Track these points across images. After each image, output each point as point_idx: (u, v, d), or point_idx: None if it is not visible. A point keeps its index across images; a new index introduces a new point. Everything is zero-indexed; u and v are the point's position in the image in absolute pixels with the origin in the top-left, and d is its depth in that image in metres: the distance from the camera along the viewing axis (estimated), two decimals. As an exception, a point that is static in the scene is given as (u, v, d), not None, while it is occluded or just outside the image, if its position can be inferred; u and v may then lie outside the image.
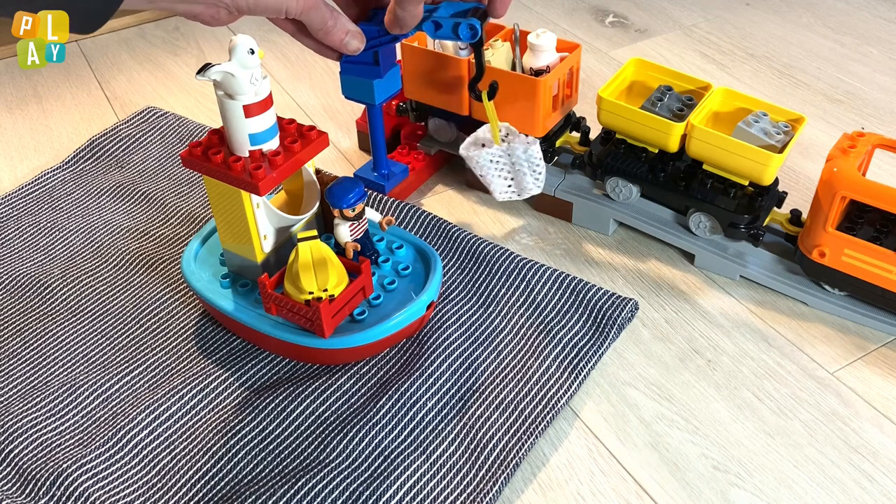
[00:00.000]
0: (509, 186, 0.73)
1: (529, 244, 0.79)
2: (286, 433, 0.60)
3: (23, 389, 0.64)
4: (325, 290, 0.59)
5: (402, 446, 0.59)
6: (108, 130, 0.94)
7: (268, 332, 0.63)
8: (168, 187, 0.86)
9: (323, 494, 0.55)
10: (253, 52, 0.55)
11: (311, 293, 0.59)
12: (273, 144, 0.59)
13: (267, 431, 0.60)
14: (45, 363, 0.66)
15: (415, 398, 0.62)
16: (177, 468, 0.58)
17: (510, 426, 0.60)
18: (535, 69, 0.75)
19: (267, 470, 0.58)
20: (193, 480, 0.58)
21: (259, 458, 0.59)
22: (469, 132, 0.84)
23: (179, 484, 0.58)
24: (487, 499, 0.55)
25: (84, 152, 0.91)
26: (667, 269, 0.75)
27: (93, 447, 0.59)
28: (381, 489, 0.56)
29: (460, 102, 0.78)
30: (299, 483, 0.56)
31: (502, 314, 0.69)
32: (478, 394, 0.63)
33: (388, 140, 0.85)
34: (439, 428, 0.60)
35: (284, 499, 0.55)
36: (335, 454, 0.58)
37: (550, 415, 0.61)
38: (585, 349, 0.65)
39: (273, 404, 0.62)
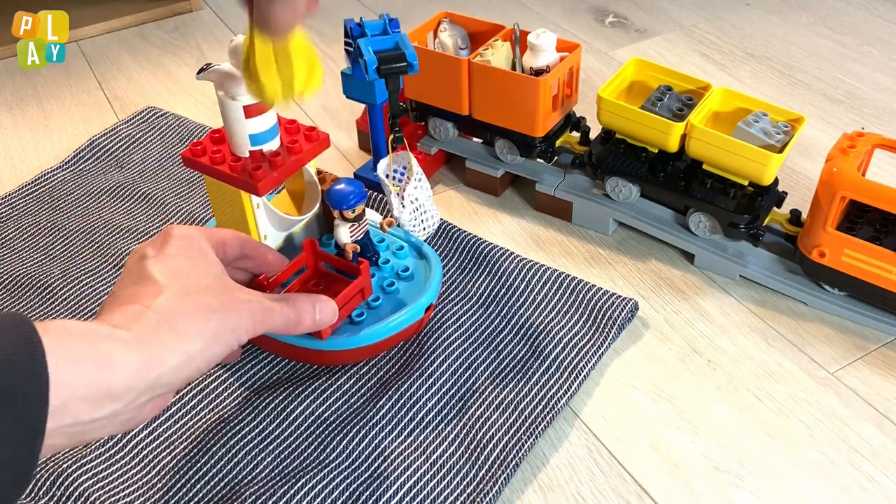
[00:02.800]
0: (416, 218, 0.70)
1: (529, 244, 0.79)
2: (286, 433, 0.60)
3: (23, 389, 0.64)
4: (295, 90, 0.49)
5: (402, 446, 0.59)
6: (108, 130, 0.94)
7: (267, 332, 0.63)
8: (168, 187, 0.86)
9: (323, 494, 0.55)
10: (253, 53, 0.55)
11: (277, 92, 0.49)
12: (273, 145, 0.59)
13: (267, 431, 0.60)
14: (45, 363, 0.66)
15: (414, 398, 0.62)
16: (177, 468, 0.58)
17: (510, 426, 0.60)
18: (535, 69, 0.75)
19: (267, 470, 0.58)
20: (193, 480, 0.58)
21: (259, 458, 0.59)
22: (468, 132, 0.84)
23: (179, 484, 0.58)
24: (487, 499, 0.55)
25: (84, 152, 0.91)
26: (667, 269, 0.75)
27: (93, 447, 0.59)
28: (381, 489, 0.56)
29: (460, 102, 0.78)
30: (299, 483, 0.56)
31: (502, 314, 0.69)
32: (478, 394, 0.63)
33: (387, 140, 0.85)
34: (439, 428, 0.60)
35: (284, 499, 0.55)
36: (335, 454, 0.58)
37: (550, 415, 0.61)
38: (585, 349, 0.65)
39: (273, 404, 0.62)
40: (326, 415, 0.61)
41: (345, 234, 0.63)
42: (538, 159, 0.80)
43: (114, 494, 0.56)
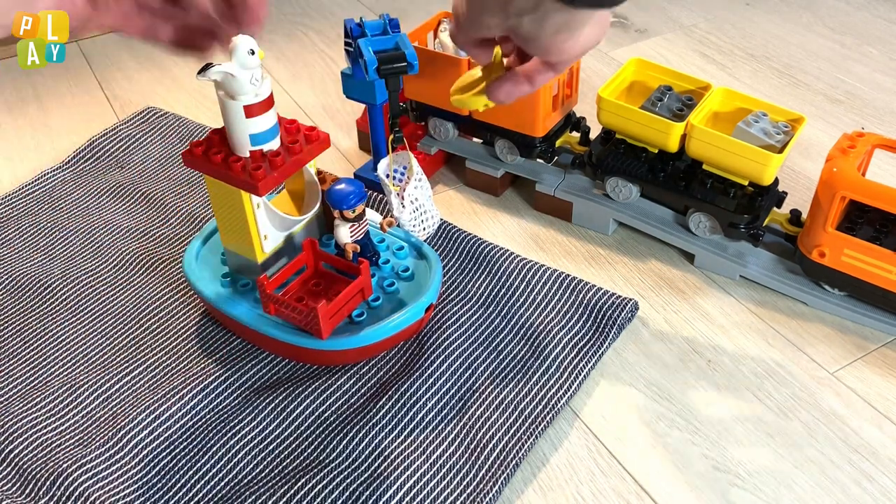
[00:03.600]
0: (416, 219, 0.70)
1: (529, 244, 0.79)
2: (286, 433, 0.60)
3: (23, 389, 0.64)
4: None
5: (402, 446, 0.59)
6: (108, 130, 0.94)
7: (267, 332, 0.63)
8: (168, 187, 0.86)
9: (323, 494, 0.55)
10: (253, 53, 0.55)
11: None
12: (274, 145, 0.59)
13: (267, 431, 0.60)
14: (45, 363, 0.66)
15: (415, 398, 0.62)
16: (177, 468, 0.58)
17: (510, 426, 0.60)
18: (535, 69, 0.75)
19: (267, 470, 0.58)
20: (193, 480, 0.58)
21: (259, 458, 0.59)
22: (468, 132, 0.84)
23: (179, 484, 0.58)
24: (487, 499, 0.55)
25: (84, 152, 0.91)
26: (667, 269, 0.75)
27: (93, 447, 0.59)
28: (381, 489, 0.56)
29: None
30: (299, 483, 0.56)
31: (502, 314, 0.69)
32: (478, 394, 0.63)
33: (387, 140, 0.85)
34: (439, 428, 0.60)
35: (284, 499, 0.55)
36: (335, 454, 0.58)
37: (550, 415, 0.61)
38: (585, 349, 0.65)
39: (273, 404, 0.62)
40: (326, 415, 0.61)
41: (345, 234, 0.64)
42: (538, 159, 0.80)
43: (114, 494, 0.56)
